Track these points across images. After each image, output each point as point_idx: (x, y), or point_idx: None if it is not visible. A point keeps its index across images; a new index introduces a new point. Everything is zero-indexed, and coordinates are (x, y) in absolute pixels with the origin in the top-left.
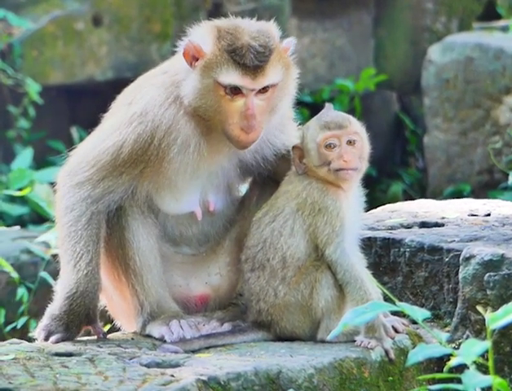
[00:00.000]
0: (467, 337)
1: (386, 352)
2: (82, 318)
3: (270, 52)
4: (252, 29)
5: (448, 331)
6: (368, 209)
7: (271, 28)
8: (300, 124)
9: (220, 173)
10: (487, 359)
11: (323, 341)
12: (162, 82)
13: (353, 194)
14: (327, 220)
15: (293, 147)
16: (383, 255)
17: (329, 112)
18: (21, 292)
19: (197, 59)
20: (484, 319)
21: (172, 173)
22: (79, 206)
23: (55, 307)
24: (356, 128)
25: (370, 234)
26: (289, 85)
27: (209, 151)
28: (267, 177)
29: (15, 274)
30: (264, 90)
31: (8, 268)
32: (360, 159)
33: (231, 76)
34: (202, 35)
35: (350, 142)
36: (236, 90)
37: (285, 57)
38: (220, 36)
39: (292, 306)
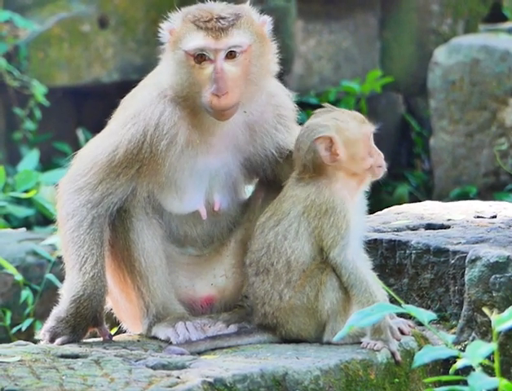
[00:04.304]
0: (473, 339)
1: (393, 354)
2: (89, 320)
3: (235, 18)
4: (219, 3)
5: (454, 333)
6: (374, 211)
7: (244, 5)
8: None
9: (225, 171)
10: (493, 361)
11: (329, 343)
12: (152, 82)
13: (358, 196)
14: (333, 222)
15: (318, 138)
16: (389, 257)
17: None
18: (27, 293)
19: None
20: (490, 321)
21: (169, 170)
22: (79, 212)
23: (61, 309)
24: None
25: (376, 236)
26: (264, 56)
27: (206, 145)
28: (272, 181)
29: (19, 277)
30: (232, 55)
31: (12, 270)
32: None
33: (194, 41)
34: (173, 19)
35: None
36: (203, 57)
37: (258, 27)
38: (188, 12)
39: (297, 309)
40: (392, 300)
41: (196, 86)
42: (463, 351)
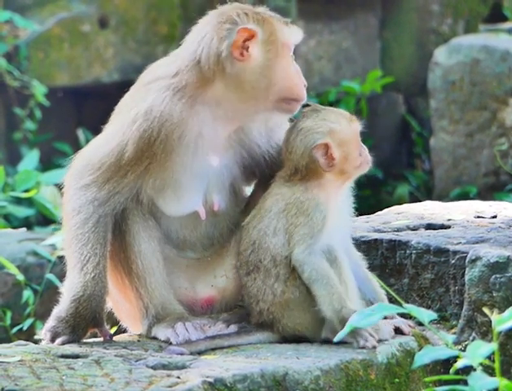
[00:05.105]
0: (473, 339)
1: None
2: (89, 321)
3: None
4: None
5: (455, 333)
6: (374, 211)
7: None
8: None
9: (224, 171)
10: (493, 361)
11: (327, 340)
12: (167, 85)
13: (343, 194)
14: (309, 221)
15: (316, 147)
16: (389, 257)
17: (325, 107)
18: (27, 293)
19: (246, 47)
20: (490, 321)
21: (178, 168)
22: (86, 208)
23: (61, 309)
24: None
25: (376, 236)
26: None
27: (213, 144)
28: (271, 178)
29: (20, 277)
30: None
31: (14, 270)
32: None
33: (296, 35)
34: (237, 21)
35: None
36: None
37: None
38: (256, 12)
39: (292, 303)
40: (392, 300)
41: (287, 79)
42: (463, 351)
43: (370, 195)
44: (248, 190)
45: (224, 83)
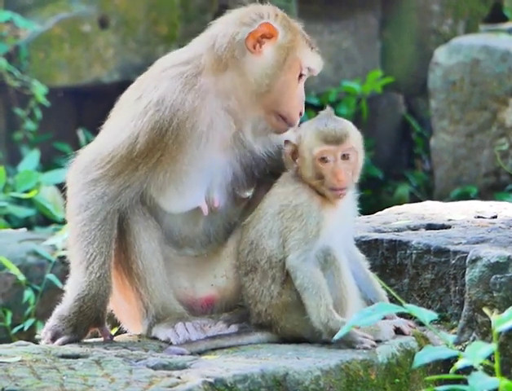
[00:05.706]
0: (474, 339)
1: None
2: (91, 320)
3: None
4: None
5: (455, 333)
6: (374, 211)
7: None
8: None
9: (226, 167)
10: (493, 361)
11: (328, 342)
12: (179, 73)
13: (343, 202)
14: (303, 226)
15: (286, 142)
16: (390, 257)
17: (329, 121)
18: (28, 294)
19: (261, 42)
20: (491, 321)
21: (188, 160)
22: (94, 205)
23: (64, 308)
24: (353, 142)
25: (377, 236)
26: None
27: (223, 141)
28: (273, 181)
29: (21, 277)
30: None
31: (15, 270)
32: (353, 173)
33: (314, 60)
34: (264, 15)
35: (344, 157)
36: (302, 75)
37: None
38: (285, 18)
39: (289, 306)
40: (393, 301)
41: (285, 96)
42: (463, 351)
43: (370, 196)
44: (246, 191)
45: (234, 73)
